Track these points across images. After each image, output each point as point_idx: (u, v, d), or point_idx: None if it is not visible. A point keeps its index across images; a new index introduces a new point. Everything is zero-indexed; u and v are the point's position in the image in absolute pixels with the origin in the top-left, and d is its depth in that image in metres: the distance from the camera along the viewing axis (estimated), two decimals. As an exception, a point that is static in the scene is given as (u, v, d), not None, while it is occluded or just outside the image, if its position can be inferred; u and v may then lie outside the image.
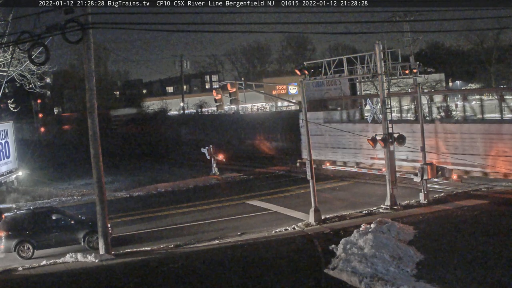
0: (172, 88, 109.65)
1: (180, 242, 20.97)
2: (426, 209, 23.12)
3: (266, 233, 21.34)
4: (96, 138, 19.39)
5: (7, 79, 30.51)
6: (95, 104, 19.42)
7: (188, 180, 36.20)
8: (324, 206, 24.01)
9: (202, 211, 26.73)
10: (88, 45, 18.83)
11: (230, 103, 27.94)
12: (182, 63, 71.71)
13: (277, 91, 74.46)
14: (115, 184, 36.79)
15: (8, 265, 19.23)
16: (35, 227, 20.76)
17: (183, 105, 71.79)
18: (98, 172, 19.43)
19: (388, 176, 23.83)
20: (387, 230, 18.68)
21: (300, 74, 24.65)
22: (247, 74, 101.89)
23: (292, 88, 76.12)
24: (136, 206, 29.31)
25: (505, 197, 24.26)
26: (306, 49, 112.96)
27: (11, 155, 35.08)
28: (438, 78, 71.34)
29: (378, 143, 23.80)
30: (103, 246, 19.36)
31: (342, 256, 16.76)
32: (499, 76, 66.64)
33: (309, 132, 23.19)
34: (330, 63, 28.96)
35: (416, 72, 27.22)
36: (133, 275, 17.25)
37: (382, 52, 24.72)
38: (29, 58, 20.60)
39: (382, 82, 24.60)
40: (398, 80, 41.61)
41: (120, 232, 22.98)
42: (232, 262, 17.85)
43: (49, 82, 68.87)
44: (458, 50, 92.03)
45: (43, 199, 32.51)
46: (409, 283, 14.38)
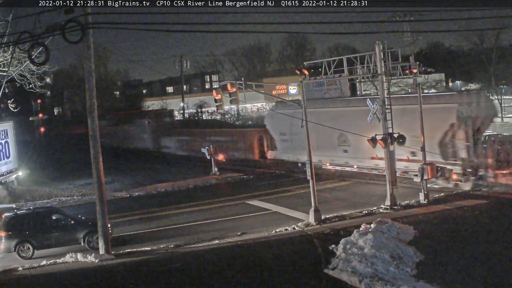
0: (172, 88, 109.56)
1: (180, 242, 20.97)
2: (426, 209, 23.12)
3: (266, 233, 21.34)
4: (96, 138, 19.38)
5: (7, 79, 30.51)
6: (95, 104, 19.41)
7: (188, 180, 36.19)
8: (324, 206, 24.01)
9: (202, 211, 26.73)
10: (88, 45, 18.84)
11: (230, 103, 27.93)
12: (182, 63, 71.59)
13: (277, 91, 74.42)
14: (115, 184, 36.79)
15: (8, 265, 19.22)
16: (35, 227, 20.75)
17: (183, 105, 71.74)
18: (98, 172, 19.43)
19: (388, 176, 23.83)
20: (387, 230, 18.69)
21: (300, 74, 24.63)
22: (247, 74, 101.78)
23: (292, 88, 76.07)
24: (136, 206, 29.31)
25: (505, 197, 24.26)
26: (306, 49, 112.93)
27: (11, 155, 35.07)
28: (438, 78, 71.33)
29: (378, 143, 23.82)
30: (103, 246, 19.35)
31: (342, 256, 16.76)
32: (499, 76, 66.57)
33: (308, 132, 23.15)
34: (330, 63, 28.95)
35: (416, 72, 27.17)
36: (133, 275, 17.25)
37: (382, 52, 24.72)
38: (29, 58, 20.58)
39: (382, 82, 24.59)
40: (398, 80, 41.58)
41: (120, 232, 22.97)
42: (232, 262, 17.85)
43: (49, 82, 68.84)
44: (458, 50, 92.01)
45: (43, 199, 32.49)
46: (409, 283, 14.38)
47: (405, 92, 50.38)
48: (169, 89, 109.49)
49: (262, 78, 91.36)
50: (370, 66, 26.73)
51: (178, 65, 72.00)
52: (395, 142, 23.77)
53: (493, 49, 63.42)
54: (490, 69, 63.30)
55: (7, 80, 30.47)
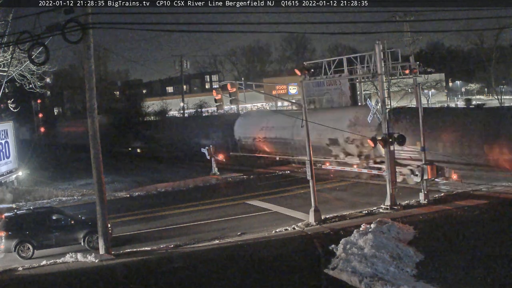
0: (172, 88, 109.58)
1: (180, 242, 20.96)
2: (426, 209, 23.13)
3: (266, 233, 21.33)
4: (96, 138, 19.37)
5: (7, 79, 30.50)
6: (95, 104, 19.40)
7: (188, 180, 36.20)
8: (324, 206, 24.00)
9: (202, 211, 26.72)
10: (88, 45, 18.82)
11: (230, 103, 27.95)
12: (182, 63, 71.59)
13: (277, 91, 74.45)
14: (115, 184, 36.78)
15: (8, 265, 19.21)
16: (35, 227, 20.73)
17: (183, 105, 71.73)
18: (98, 172, 19.42)
19: (388, 176, 23.83)
20: (387, 230, 18.69)
21: (300, 74, 24.62)
22: (247, 74, 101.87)
23: (292, 88, 76.17)
24: (136, 206, 29.30)
25: (505, 197, 24.27)
26: (306, 49, 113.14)
27: (11, 155, 35.09)
28: (438, 78, 71.35)
29: (378, 143, 23.83)
30: (103, 246, 19.35)
31: (342, 256, 16.75)
32: (499, 76, 66.60)
33: (308, 132, 23.14)
34: (330, 63, 28.95)
35: (416, 72, 27.18)
36: (133, 275, 17.25)
37: (382, 52, 24.71)
38: (29, 58, 20.60)
39: (382, 82, 24.60)
40: (398, 80, 41.58)
41: (120, 232, 22.96)
42: (232, 262, 17.85)
43: (49, 82, 68.83)
44: (458, 50, 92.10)
45: (43, 199, 32.49)
46: (409, 283, 14.39)
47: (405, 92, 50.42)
48: (169, 89, 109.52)
49: (262, 78, 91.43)
50: (370, 66, 26.74)
51: (178, 65, 71.98)
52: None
53: (493, 49, 63.38)
54: (490, 69, 63.28)
55: (7, 80, 30.46)
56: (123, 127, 57.60)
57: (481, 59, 67.09)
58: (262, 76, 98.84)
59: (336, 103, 36.34)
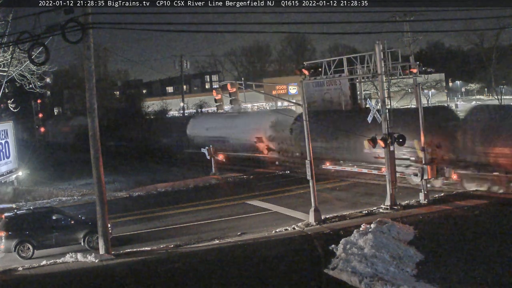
0: (172, 88, 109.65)
1: (180, 242, 20.96)
2: (426, 209, 23.13)
3: (266, 233, 21.33)
4: (96, 138, 19.37)
5: (7, 79, 30.48)
6: (95, 104, 19.40)
7: (188, 180, 36.17)
8: (324, 206, 24.01)
9: (202, 211, 26.72)
10: (88, 45, 18.82)
11: (230, 103, 27.96)
12: (182, 63, 71.51)
13: (277, 91, 74.41)
14: (115, 184, 36.74)
15: (8, 265, 19.21)
16: (35, 227, 20.73)
17: (183, 105, 71.69)
18: (98, 172, 19.42)
19: (388, 176, 23.83)
20: (387, 230, 18.69)
21: (300, 74, 24.61)
22: (247, 74, 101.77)
23: (292, 88, 76.06)
24: (136, 206, 29.29)
25: (505, 197, 24.27)
26: (306, 49, 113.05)
27: (11, 155, 35.08)
28: (438, 78, 71.34)
29: (378, 143, 23.82)
30: (103, 246, 19.35)
31: (342, 256, 16.76)
32: (499, 76, 66.56)
33: (308, 132, 23.15)
34: (330, 63, 28.93)
35: (416, 72, 27.17)
36: (133, 275, 17.26)
37: (382, 52, 24.71)
38: (29, 58, 20.59)
39: (382, 82, 24.59)
40: (398, 80, 41.58)
41: (120, 232, 22.95)
42: (232, 262, 17.85)
43: (49, 82, 68.79)
44: (458, 50, 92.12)
45: (43, 199, 32.45)
46: (409, 283, 14.39)
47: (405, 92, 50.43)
48: (169, 89, 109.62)
49: (262, 78, 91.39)
50: (370, 66, 26.72)
51: (178, 65, 71.91)
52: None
53: (493, 49, 63.35)
54: (490, 69, 63.26)
55: (7, 80, 30.44)
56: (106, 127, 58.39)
57: (481, 59, 67.08)
58: (262, 76, 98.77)
59: (336, 103, 36.44)
